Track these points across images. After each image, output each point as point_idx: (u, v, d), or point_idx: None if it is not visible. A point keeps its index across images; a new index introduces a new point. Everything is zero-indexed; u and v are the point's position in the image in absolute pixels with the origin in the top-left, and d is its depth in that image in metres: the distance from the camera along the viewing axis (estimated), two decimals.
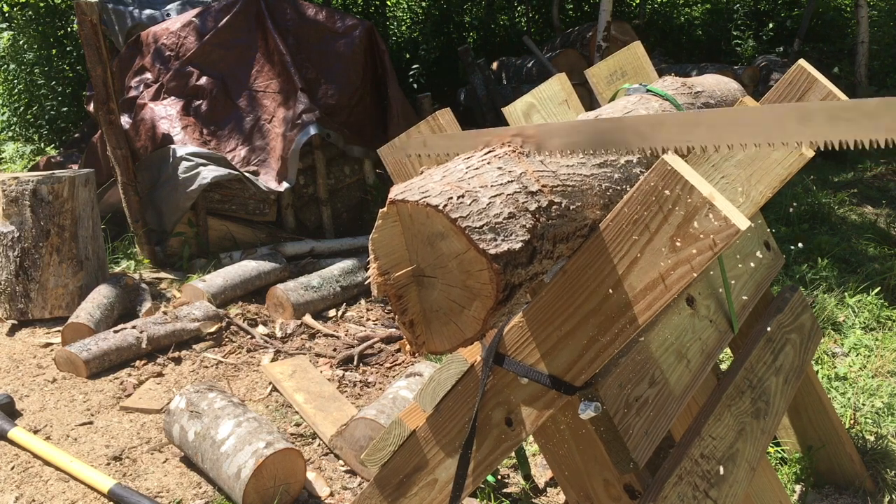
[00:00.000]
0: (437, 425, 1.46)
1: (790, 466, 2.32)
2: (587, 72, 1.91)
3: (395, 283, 1.07)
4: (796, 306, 2.02)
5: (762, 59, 8.60)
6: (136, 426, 2.74)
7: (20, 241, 3.66)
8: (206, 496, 2.35)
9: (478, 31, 10.49)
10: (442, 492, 1.47)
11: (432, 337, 1.10)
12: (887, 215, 5.22)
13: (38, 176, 3.75)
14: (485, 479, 1.62)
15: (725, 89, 1.90)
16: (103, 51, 4.22)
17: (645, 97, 1.65)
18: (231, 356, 3.35)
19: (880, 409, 2.69)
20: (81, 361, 3.07)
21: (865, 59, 8.33)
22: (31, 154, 7.75)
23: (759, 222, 1.98)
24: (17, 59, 8.13)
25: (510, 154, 1.17)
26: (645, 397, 1.32)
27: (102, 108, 4.31)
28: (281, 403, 2.94)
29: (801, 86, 1.73)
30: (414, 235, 1.05)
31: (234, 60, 5.13)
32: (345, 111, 5.21)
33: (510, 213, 1.03)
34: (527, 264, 1.04)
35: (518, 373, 1.27)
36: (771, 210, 5.01)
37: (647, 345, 1.36)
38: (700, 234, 1.05)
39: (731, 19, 10.82)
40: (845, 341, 3.26)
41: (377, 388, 3.11)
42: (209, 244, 4.68)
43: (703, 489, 1.42)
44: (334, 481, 2.45)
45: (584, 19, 10.91)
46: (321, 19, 5.36)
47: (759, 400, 1.70)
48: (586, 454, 1.33)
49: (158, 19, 6.08)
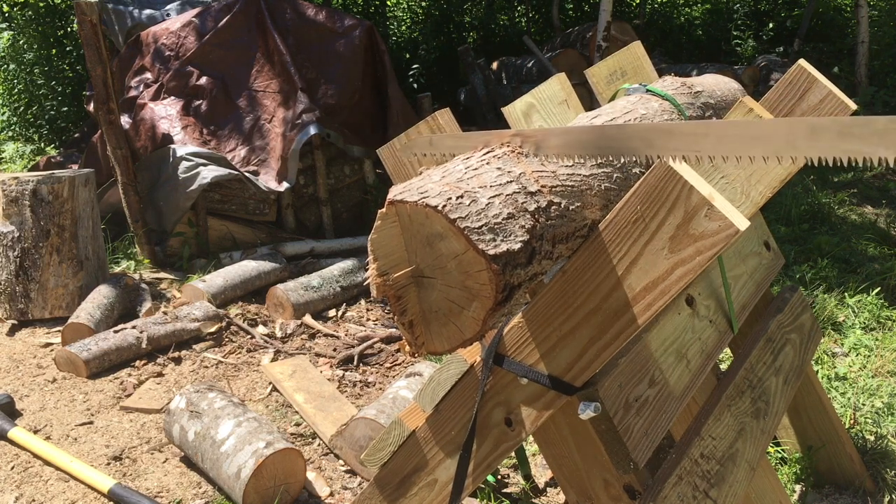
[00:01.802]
0: (437, 425, 1.46)
1: (790, 466, 2.32)
2: (587, 72, 1.91)
3: (395, 283, 1.07)
4: (796, 306, 2.02)
5: (762, 59, 8.60)
6: (136, 426, 2.74)
7: (20, 241, 3.66)
8: (206, 496, 2.35)
9: (478, 31, 10.49)
10: (442, 492, 1.47)
11: (432, 337, 1.10)
12: (887, 215, 5.21)
13: (38, 176, 3.75)
14: (485, 479, 1.62)
15: (725, 89, 1.90)
16: (103, 51, 4.22)
17: (645, 97, 1.65)
18: (231, 356, 3.35)
19: (880, 409, 2.69)
20: (81, 361, 3.07)
21: (865, 59, 8.33)
22: (31, 154, 7.75)
23: (758, 222, 1.98)
24: (17, 59, 8.13)
25: (509, 154, 1.17)
26: (645, 397, 1.32)
27: (102, 108, 4.31)
28: (281, 403, 2.94)
29: (801, 86, 1.73)
30: (413, 236, 1.05)
31: (234, 60, 5.13)
32: (345, 111, 5.21)
33: (509, 214, 1.03)
34: (526, 265, 1.04)
35: (518, 373, 1.27)
36: (771, 210, 5.01)
37: (646, 345, 1.36)
38: (699, 234, 1.05)
39: (731, 19, 10.82)
40: (845, 341, 3.26)
41: (377, 388, 3.11)
42: (209, 244, 4.68)
43: (703, 489, 1.42)
44: (334, 481, 2.45)
45: (584, 19, 10.92)
46: (321, 19, 5.36)
47: (759, 400, 1.70)
48: (586, 454, 1.33)
49: (158, 19, 6.08)
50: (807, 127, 0.93)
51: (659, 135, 1.07)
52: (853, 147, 0.89)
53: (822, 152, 0.92)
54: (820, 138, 0.92)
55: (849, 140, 0.90)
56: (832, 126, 0.91)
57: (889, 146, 0.87)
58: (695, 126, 1.04)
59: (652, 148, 1.07)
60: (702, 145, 1.03)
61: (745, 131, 0.99)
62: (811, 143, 0.93)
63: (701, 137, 1.03)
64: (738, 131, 0.99)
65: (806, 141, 0.93)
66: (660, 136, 1.07)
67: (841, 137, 0.90)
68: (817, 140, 0.92)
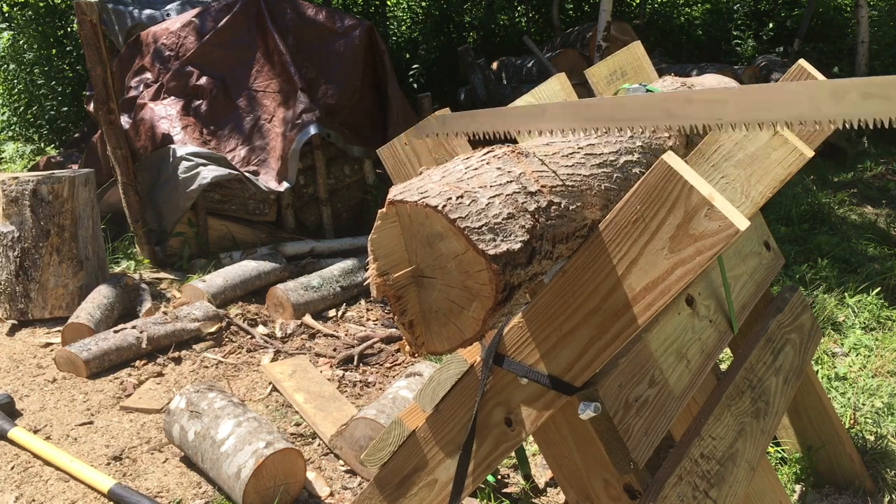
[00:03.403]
0: (437, 425, 1.46)
1: (790, 466, 2.32)
2: (587, 72, 1.91)
3: (395, 283, 1.07)
4: (796, 306, 2.02)
5: (762, 59, 8.60)
6: (136, 426, 2.74)
7: (20, 241, 3.66)
8: (206, 496, 2.35)
9: (478, 31, 10.48)
10: (442, 492, 1.47)
11: (432, 337, 1.10)
12: (887, 215, 5.21)
13: (38, 176, 3.75)
14: (485, 479, 1.62)
15: None
16: (103, 51, 4.22)
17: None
18: (231, 356, 3.35)
19: (880, 409, 2.69)
20: (81, 361, 3.07)
21: (865, 59, 8.33)
22: (31, 154, 7.75)
23: (758, 222, 1.98)
24: (17, 59, 8.13)
25: (509, 154, 1.17)
26: (645, 397, 1.32)
27: (102, 108, 4.31)
28: (281, 403, 2.94)
29: None
30: (413, 236, 1.05)
31: (234, 60, 5.13)
32: (345, 111, 5.21)
33: (509, 214, 1.03)
34: (526, 265, 1.04)
35: (518, 373, 1.27)
36: (771, 210, 5.01)
37: (646, 345, 1.36)
38: (699, 234, 1.05)
39: (731, 19, 10.82)
40: (845, 341, 3.26)
41: (377, 388, 3.11)
42: (209, 244, 4.68)
43: (703, 489, 1.42)
44: (334, 481, 2.45)
45: (584, 19, 10.91)
46: (321, 19, 5.36)
47: (759, 400, 1.70)
48: (586, 454, 1.33)
49: (158, 19, 6.08)
50: (830, 89, 0.90)
51: (677, 103, 1.03)
52: (878, 108, 0.87)
53: (847, 115, 0.90)
54: (843, 101, 0.89)
55: (873, 101, 0.87)
56: (855, 87, 0.88)
57: None
58: (714, 93, 1.01)
59: (673, 118, 1.04)
60: (722, 112, 0.99)
61: (765, 96, 0.96)
62: (836, 106, 0.90)
63: (720, 104, 0.99)
64: (759, 97, 0.96)
65: (830, 104, 0.90)
66: (678, 104, 1.03)
67: (865, 98, 0.88)
68: (841, 103, 0.90)
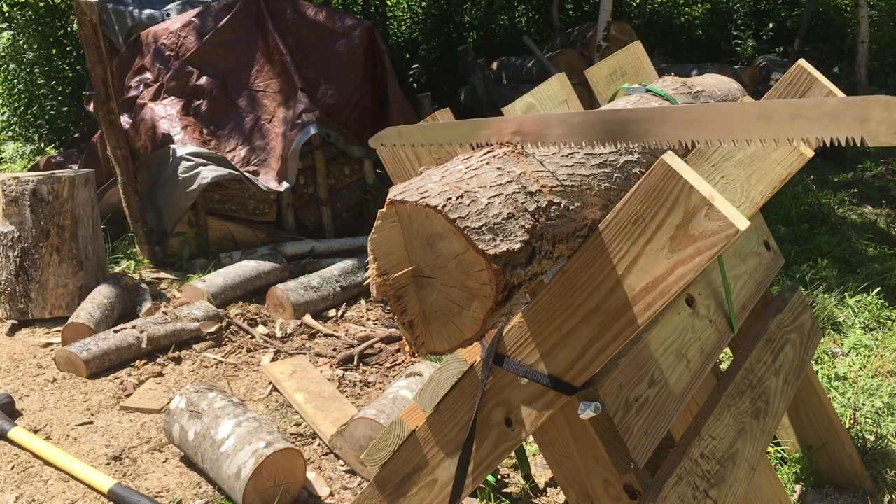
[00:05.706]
0: (437, 425, 1.46)
1: (790, 466, 2.32)
2: (587, 72, 1.91)
3: (395, 283, 1.06)
4: (796, 306, 2.02)
5: (762, 59, 8.60)
6: (136, 426, 2.74)
7: (20, 241, 3.66)
8: (206, 496, 2.35)
9: (478, 31, 10.49)
10: (442, 492, 1.47)
11: (432, 337, 1.10)
12: (887, 215, 5.21)
13: (38, 176, 3.75)
14: (485, 479, 1.62)
15: (725, 89, 1.90)
16: (103, 51, 4.22)
17: (645, 97, 1.65)
18: (231, 356, 3.35)
19: (880, 409, 2.69)
20: (81, 361, 3.07)
21: (865, 58, 8.33)
22: (31, 154, 7.75)
23: (758, 222, 1.98)
24: (17, 59, 8.12)
25: (509, 154, 1.17)
26: (645, 397, 1.32)
27: (102, 108, 4.31)
28: (281, 403, 2.94)
29: (801, 85, 1.73)
30: (413, 236, 1.05)
31: (234, 60, 5.13)
32: (345, 111, 5.21)
33: (509, 214, 1.03)
34: (526, 265, 1.04)
35: (518, 373, 1.27)
36: (771, 210, 5.01)
37: (646, 345, 1.36)
38: (699, 234, 1.05)
39: (731, 19, 10.83)
40: (845, 341, 3.26)
41: (377, 388, 3.11)
42: (209, 244, 4.68)
43: (703, 489, 1.42)
44: (334, 481, 2.45)
45: (584, 19, 10.91)
46: (321, 19, 5.36)
47: (759, 400, 1.69)
48: (586, 454, 1.33)
49: (158, 19, 6.07)
50: (759, 110, 0.98)
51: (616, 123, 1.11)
52: (804, 128, 0.93)
53: (774, 134, 0.96)
54: (771, 121, 0.96)
55: (800, 122, 0.93)
56: (783, 108, 0.95)
57: (840, 127, 0.90)
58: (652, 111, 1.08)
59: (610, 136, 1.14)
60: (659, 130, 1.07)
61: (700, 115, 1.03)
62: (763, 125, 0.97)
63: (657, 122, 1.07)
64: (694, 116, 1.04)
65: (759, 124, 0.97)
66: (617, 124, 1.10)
67: (792, 119, 0.94)
68: (769, 123, 0.96)
